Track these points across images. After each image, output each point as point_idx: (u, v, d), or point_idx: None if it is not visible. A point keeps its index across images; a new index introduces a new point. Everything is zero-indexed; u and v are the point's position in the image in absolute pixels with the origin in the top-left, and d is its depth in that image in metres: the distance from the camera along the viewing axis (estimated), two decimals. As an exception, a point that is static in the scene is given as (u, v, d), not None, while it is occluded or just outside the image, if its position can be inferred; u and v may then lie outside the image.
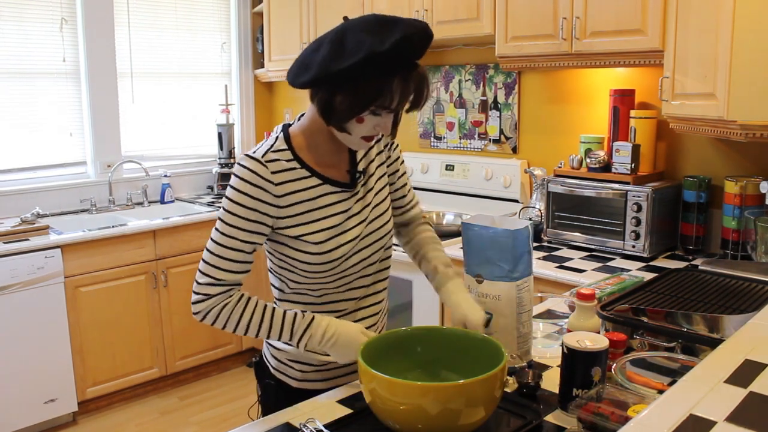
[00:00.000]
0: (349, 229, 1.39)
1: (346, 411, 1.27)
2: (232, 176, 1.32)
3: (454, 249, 2.67)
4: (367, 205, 1.44)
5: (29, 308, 3.03)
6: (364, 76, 1.21)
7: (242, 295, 1.35)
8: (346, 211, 1.40)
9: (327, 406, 1.30)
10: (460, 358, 1.27)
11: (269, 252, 1.43)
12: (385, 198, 1.49)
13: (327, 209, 1.37)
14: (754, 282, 1.64)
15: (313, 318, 1.35)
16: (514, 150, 3.20)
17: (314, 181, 1.36)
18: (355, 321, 1.48)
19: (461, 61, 3.39)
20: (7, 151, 3.53)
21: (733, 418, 0.76)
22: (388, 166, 1.54)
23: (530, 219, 2.77)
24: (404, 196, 1.60)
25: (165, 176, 4.01)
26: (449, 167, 3.38)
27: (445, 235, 2.83)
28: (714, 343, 1.22)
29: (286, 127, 1.40)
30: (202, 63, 4.26)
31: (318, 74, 1.23)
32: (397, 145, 1.56)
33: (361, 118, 1.28)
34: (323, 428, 1.18)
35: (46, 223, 3.29)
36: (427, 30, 1.24)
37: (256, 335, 1.35)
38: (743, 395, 0.82)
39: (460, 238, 2.77)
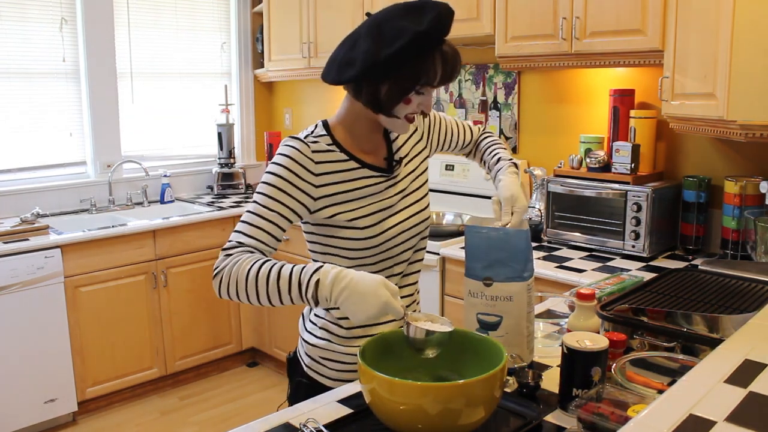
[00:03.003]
0: (386, 217, 1.44)
1: (346, 411, 1.27)
2: (276, 155, 1.38)
3: (454, 249, 2.67)
4: (401, 191, 1.48)
5: (29, 308, 3.03)
6: (407, 58, 1.28)
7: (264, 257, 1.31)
8: (381, 194, 1.44)
9: (327, 406, 1.30)
10: (460, 358, 1.27)
11: (311, 242, 1.46)
12: (422, 185, 1.54)
13: (363, 191, 1.42)
14: (754, 282, 1.64)
15: (322, 265, 1.23)
16: (514, 150, 3.20)
17: (352, 164, 1.41)
18: (384, 320, 1.47)
19: (461, 61, 3.38)
20: (7, 151, 3.53)
21: (733, 418, 0.76)
22: (429, 139, 1.61)
23: (530, 219, 2.77)
24: (457, 135, 1.70)
25: (165, 176, 4.01)
26: (449, 167, 3.38)
27: (446, 235, 2.83)
28: (714, 343, 1.22)
29: (323, 120, 1.46)
30: (202, 63, 4.26)
31: (365, 66, 1.29)
32: (426, 115, 1.60)
33: (408, 99, 1.34)
34: (323, 428, 1.18)
35: (45, 223, 3.29)
36: (450, 7, 1.33)
37: (266, 297, 1.24)
38: (743, 395, 0.82)
39: (460, 238, 2.78)
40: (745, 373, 0.88)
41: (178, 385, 3.70)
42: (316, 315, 1.52)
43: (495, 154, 1.67)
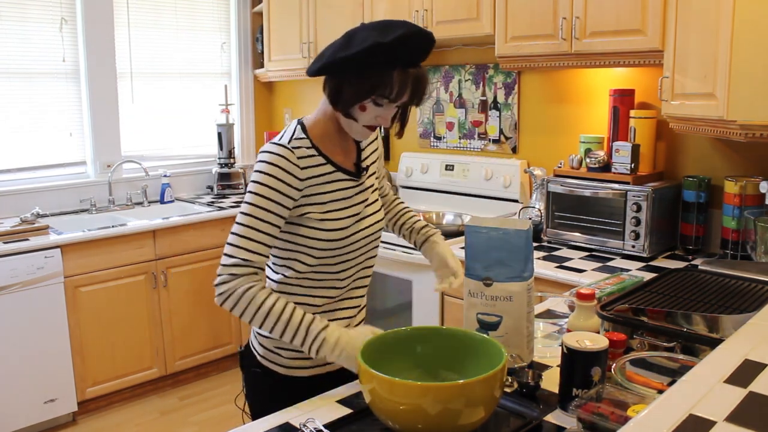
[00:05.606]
0: (353, 223, 1.50)
1: (346, 411, 1.27)
2: (260, 163, 1.41)
3: (454, 249, 2.66)
4: (365, 200, 1.55)
5: (29, 308, 3.03)
6: (368, 66, 1.35)
7: (266, 286, 1.40)
8: (350, 200, 1.51)
9: (327, 406, 1.30)
10: (460, 358, 1.27)
11: (278, 239, 1.50)
12: (377, 200, 1.62)
13: (336, 194, 1.49)
14: (754, 282, 1.64)
15: (328, 325, 1.37)
16: (514, 150, 3.20)
17: (329, 168, 1.48)
18: (334, 318, 1.54)
19: (461, 61, 3.39)
20: (7, 151, 3.53)
21: (733, 418, 0.76)
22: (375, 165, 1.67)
23: (530, 219, 2.77)
24: (381, 181, 1.77)
25: (165, 176, 4.01)
26: (449, 167, 3.38)
27: (446, 235, 2.82)
28: (714, 343, 1.22)
29: (300, 121, 1.51)
30: (202, 63, 4.26)
31: (327, 61, 1.39)
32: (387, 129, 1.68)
33: (364, 106, 1.40)
34: (323, 428, 1.18)
35: (45, 223, 3.29)
36: (430, 34, 1.37)
37: (271, 329, 1.36)
38: (743, 395, 0.82)
39: (460, 238, 2.78)
40: (745, 373, 0.89)
41: (178, 385, 3.69)
42: None
43: (418, 221, 1.78)
